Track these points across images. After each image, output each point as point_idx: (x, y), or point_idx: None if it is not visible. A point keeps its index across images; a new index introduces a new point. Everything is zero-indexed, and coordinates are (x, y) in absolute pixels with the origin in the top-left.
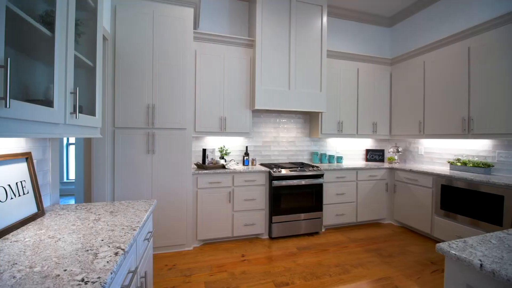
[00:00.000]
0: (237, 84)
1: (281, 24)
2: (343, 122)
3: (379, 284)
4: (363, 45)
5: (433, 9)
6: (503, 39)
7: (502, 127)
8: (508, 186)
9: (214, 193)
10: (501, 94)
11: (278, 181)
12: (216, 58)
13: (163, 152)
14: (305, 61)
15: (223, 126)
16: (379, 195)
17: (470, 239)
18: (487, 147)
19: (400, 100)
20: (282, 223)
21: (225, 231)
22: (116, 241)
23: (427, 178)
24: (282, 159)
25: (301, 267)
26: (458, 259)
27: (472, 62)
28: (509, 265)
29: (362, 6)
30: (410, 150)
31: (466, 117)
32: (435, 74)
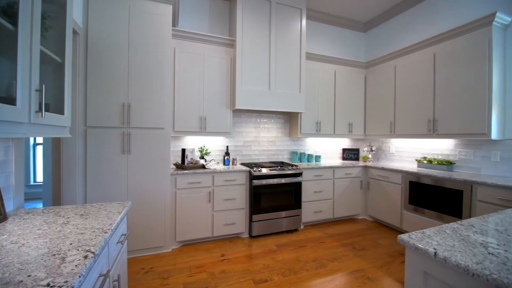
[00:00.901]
0: (217, 83)
1: (262, 25)
2: (321, 122)
3: (352, 276)
4: (340, 49)
5: (404, 16)
6: (464, 47)
7: (462, 128)
8: (466, 182)
9: (193, 193)
10: (461, 98)
11: (258, 180)
12: (196, 57)
13: (140, 152)
14: (285, 62)
15: (203, 126)
16: (354, 192)
17: (428, 230)
18: (450, 146)
19: (374, 102)
20: (262, 221)
21: (205, 232)
22: (86, 245)
23: (397, 175)
24: (262, 158)
25: (280, 263)
26: (416, 248)
27: (437, 68)
28: (459, 252)
29: (339, 11)
30: (382, 149)
31: (432, 118)
32: (405, 78)
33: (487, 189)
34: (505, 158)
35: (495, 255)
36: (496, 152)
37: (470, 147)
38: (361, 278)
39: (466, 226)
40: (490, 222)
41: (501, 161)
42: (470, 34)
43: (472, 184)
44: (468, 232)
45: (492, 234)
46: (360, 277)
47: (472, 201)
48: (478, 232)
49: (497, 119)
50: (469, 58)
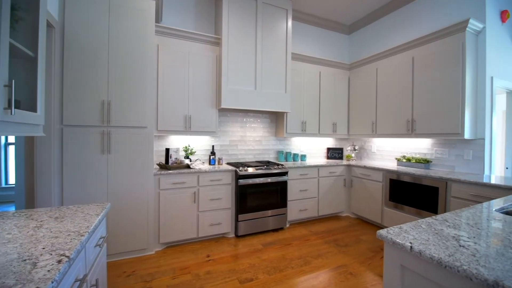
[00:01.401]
0: (202, 81)
1: (248, 24)
2: (307, 122)
3: (336, 272)
4: (325, 50)
5: (386, 20)
6: (440, 51)
7: (438, 128)
8: (441, 179)
9: (178, 193)
10: (437, 99)
11: (244, 180)
12: (180, 54)
13: (121, 152)
14: (271, 62)
15: (187, 125)
16: (338, 190)
17: (405, 225)
18: (427, 145)
19: (357, 102)
20: (248, 220)
21: (190, 232)
22: (60, 249)
23: (378, 173)
24: (249, 158)
25: (265, 262)
26: (394, 243)
27: (415, 70)
28: (433, 245)
29: (324, 13)
30: (365, 148)
31: (410, 119)
32: (386, 80)
33: (460, 186)
34: (476, 156)
35: (465, 248)
36: (469, 151)
37: (445, 146)
38: (344, 274)
39: (440, 221)
40: (462, 217)
41: (473, 159)
42: (446, 39)
43: (447, 181)
44: (442, 226)
45: (464, 228)
46: (343, 273)
47: (447, 197)
48: (451, 226)
49: (469, 119)
50: (445, 61)
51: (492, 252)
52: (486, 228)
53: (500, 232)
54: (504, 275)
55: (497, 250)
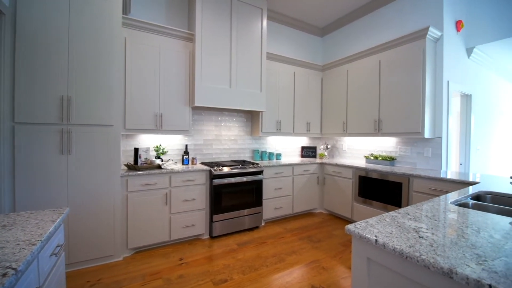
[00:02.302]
0: (175, 78)
1: (223, 22)
2: (282, 122)
3: (309, 267)
4: (299, 51)
5: (356, 25)
6: (403, 56)
7: (402, 127)
8: (404, 175)
9: (148, 195)
10: (401, 101)
11: (219, 180)
12: (151, 49)
13: (84, 152)
14: (246, 61)
15: (159, 123)
16: (312, 187)
17: (371, 220)
18: (392, 143)
19: (329, 103)
20: (223, 221)
21: (162, 236)
22: (5, 260)
23: (348, 171)
24: (224, 157)
25: (240, 262)
26: (360, 237)
27: (382, 73)
28: (396, 238)
29: (299, 15)
30: (337, 147)
31: (377, 119)
32: (355, 81)
33: (420, 181)
34: (435, 153)
35: (424, 238)
36: (428, 148)
37: (408, 144)
38: (317, 268)
39: (402, 214)
40: (422, 210)
41: (432, 157)
42: (408, 44)
43: (409, 177)
44: (404, 219)
45: (423, 220)
46: (316, 268)
47: (410, 191)
48: (412, 219)
49: (429, 120)
50: (407, 66)
51: (447, 242)
52: (443, 219)
53: (454, 223)
54: (457, 263)
55: (452, 240)
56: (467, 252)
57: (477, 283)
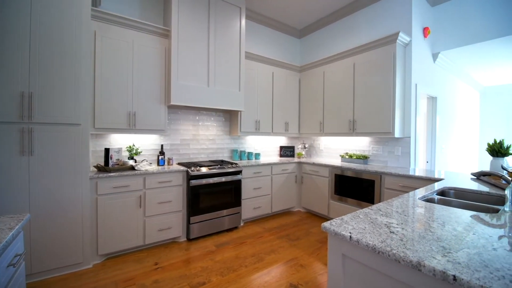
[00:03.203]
0: (150, 75)
1: (200, 19)
2: (260, 121)
3: (287, 266)
4: (278, 51)
5: (332, 28)
6: (375, 59)
7: (374, 127)
8: (377, 173)
9: (120, 198)
10: (374, 102)
11: (197, 180)
12: (123, 44)
13: (47, 153)
14: (224, 60)
15: (132, 122)
16: (290, 186)
17: (346, 217)
18: (366, 143)
19: (307, 103)
20: (201, 222)
21: (136, 240)
22: None
23: (324, 169)
24: (202, 157)
25: (218, 263)
26: (336, 233)
27: (356, 75)
28: (368, 233)
29: (278, 15)
30: (314, 146)
31: (352, 119)
32: (331, 83)
33: (391, 178)
34: (404, 152)
35: (395, 233)
36: (398, 147)
37: (380, 143)
38: (295, 266)
39: (375, 211)
40: (393, 206)
41: (402, 155)
42: (380, 48)
43: (381, 175)
44: (376, 216)
45: (393, 216)
46: (294, 265)
47: (381, 188)
48: (384, 215)
49: (399, 120)
50: (379, 68)
51: (416, 236)
52: (412, 214)
53: (422, 217)
54: (424, 255)
55: (420, 234)
56: (434, 245)
57: (442, 275)
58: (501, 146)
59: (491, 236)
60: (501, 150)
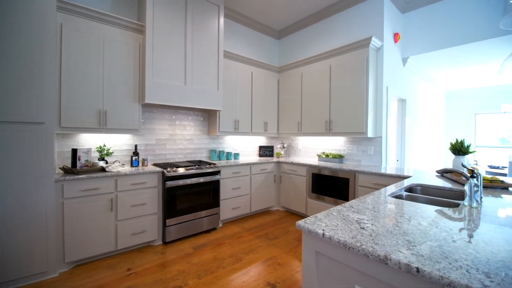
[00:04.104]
0: (122, 72)
1: (176, 15)
2: (239, 121)
3: (265, 265)
4: (257, 51)
5: (310, 30)
6: (350, 62)
7: (349, 127)
8: (351, 171)
9: (89, 202)
10: (348, 103)
11: (173, 181)
12: (93, 39)
13: (6, 154)
14: (202, 58)
15: (102, 121)
16: (269, 185)
17: (320, 214)
18: (341, 142)
19: (285, 103)
20: (178, 224)
21: (107, 245)
22: None
23: (302, 169)
24: (179, 157)
25: (196, 266)
26: (310, 231)
27: (332, 77)
28: (340, 230)
29: (257, 16)
30: (292, 146)
31: (328, 119)
32: (309, 84)
33: (364, 176)
34: (377, 151)
35: (365, 229)
36: (371, 147)
37: (354, 143)
38: (273, 265)
39: (347, 207)
40: (364, 203)
41: (374, 154)
42: (355, 51)
43: (355, 173)
44: (349, 212)
45: (364, 212)
46: (272, 264)
47: (356, 186)
48: (355, 211)
49: (371, 121)
50: (354, 71)
51: (384, 231)
52: (381, 210)
53: (390, 213)
54: (391, 250)
55: (388, 229)
56: (400, 239)
57: (407, 267)
58: (462, 145)
59: (452, 229)
60: (462, 149)
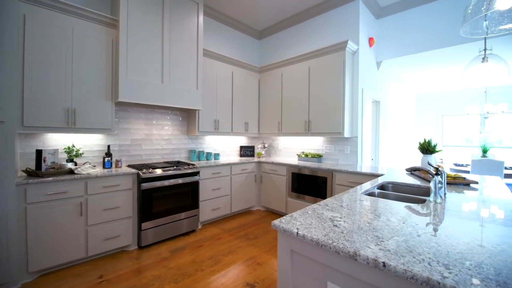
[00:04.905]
0: (94, 68)
1: (153, 11)
2: (220, 121)
3: (245, 265)
4: (238, 51)
5: (290, 31)
6: (328, 64)
7: (327, 128)
8: (329, 170)
9: (56, 206)
10: (326, 104)
11: (149, 183)
12: (60, 32)
13: None
14: (180, 56)
15: (71, 120)
16: (250, 186)
17: (296, 213)
18: (320, 142)
19: (266, 103)
20: (154, 228)
21: (76, 252)
22: None
23: (282, 168)
24: (156, 158)
25: (173, 270)
26: (285, 230)
27: (311, 79)
28: (314, 228)
29: (238, 15)
30: (273, 146)
31: (307, 120)
32: (289, 84)
33: (341, 175)
34: (353, 151)
35: (337, 226)
36: (347, 146)
37: (332, 143)
38: (252, 265)
39: (322, 206)
40: (339, 200)
41: (350, 153)
42: (332, 54)
43: (332, 172)
44: (323, 210)
45: (338, 210)
46: (251, 264)
47: (333, 185)
48: (330, 209)
49: (348, 121)
50: (331, 73)
51: (355, 228)
52: (354, 208)
53: (362, 210)
54: (360, 246)
55: (359, 226)
56: (369, 235)
57: (374, 262)
58: (429, 144)
59: (417, 224)
60: (429, 148)
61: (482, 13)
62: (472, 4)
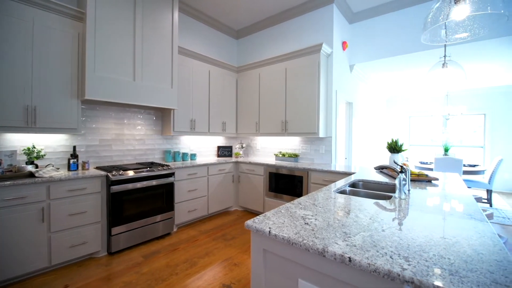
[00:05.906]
0: (57, 63)
1: (124, 5)
2: (196, 120)
3: (221, 266)
4: (215, 50)
5: (267, 32)
6: (303, 66)
7: (302, 128)
8: (305, 169)
9: (14, 213)
10: (302, 105)
11: (119, 185)
12: (19, 23)
13: None
14: (154, 53)
15: (31, 119)
16: (227, 186)
17: (269, 212)
18: (296, 142)
19: (244, 103)
20: (126, 232)
21: (38, 261)
22: None
23: (260, 168)
24: (128, 159)
25: (146, 275)
26: (257, 230)
27: (288, 80)
28: (286, 227)
29: (215, 14)
30: (251, 146)
31: (284, 120)
32: (266, 85)
33: (316, 174)
34: (327, 150)
35: (308, 224)
36: (322, 146)
37: (307, 143)
38: (229, 266)
39: (295, 204)
40: (312, 199)
41: (325, 153)
42: (307, 56)
43: (308, 171)
44: (296, 209)
45: (310, 208)
46: (228, 265)
47: (308, 183)
48: (302, 208)
49: (323, 122)
50: (306, 75)
51: (325, 225)
52: (326, 205)
53: (333, 207)
54: (329, 242)
55: (328, 223)
56: (338, 231)
57: (341, 257)
58: (396, 144)
59: (383, 219)
60: (396, 148)
61: (440, 22)
62: (431, 13)
